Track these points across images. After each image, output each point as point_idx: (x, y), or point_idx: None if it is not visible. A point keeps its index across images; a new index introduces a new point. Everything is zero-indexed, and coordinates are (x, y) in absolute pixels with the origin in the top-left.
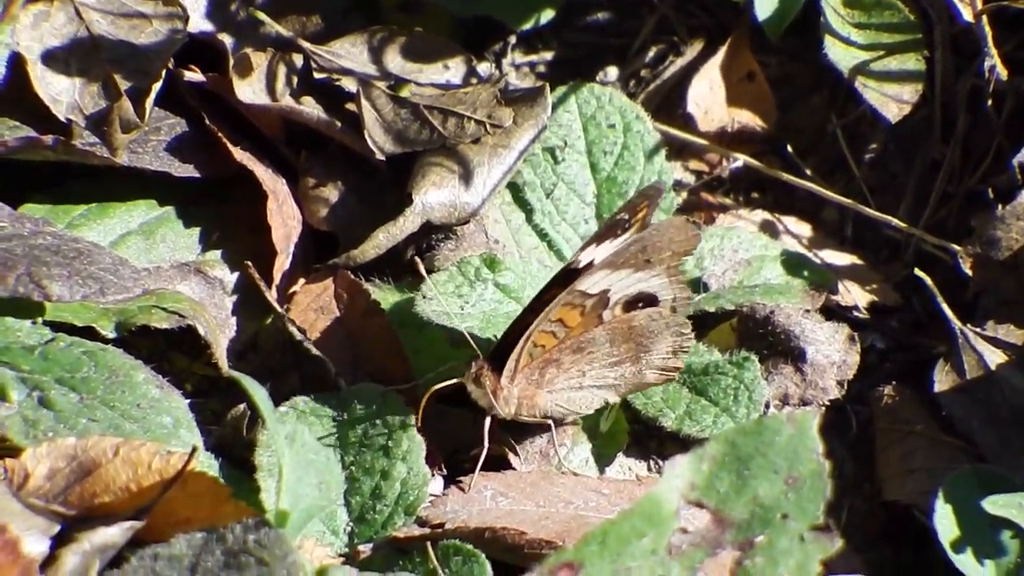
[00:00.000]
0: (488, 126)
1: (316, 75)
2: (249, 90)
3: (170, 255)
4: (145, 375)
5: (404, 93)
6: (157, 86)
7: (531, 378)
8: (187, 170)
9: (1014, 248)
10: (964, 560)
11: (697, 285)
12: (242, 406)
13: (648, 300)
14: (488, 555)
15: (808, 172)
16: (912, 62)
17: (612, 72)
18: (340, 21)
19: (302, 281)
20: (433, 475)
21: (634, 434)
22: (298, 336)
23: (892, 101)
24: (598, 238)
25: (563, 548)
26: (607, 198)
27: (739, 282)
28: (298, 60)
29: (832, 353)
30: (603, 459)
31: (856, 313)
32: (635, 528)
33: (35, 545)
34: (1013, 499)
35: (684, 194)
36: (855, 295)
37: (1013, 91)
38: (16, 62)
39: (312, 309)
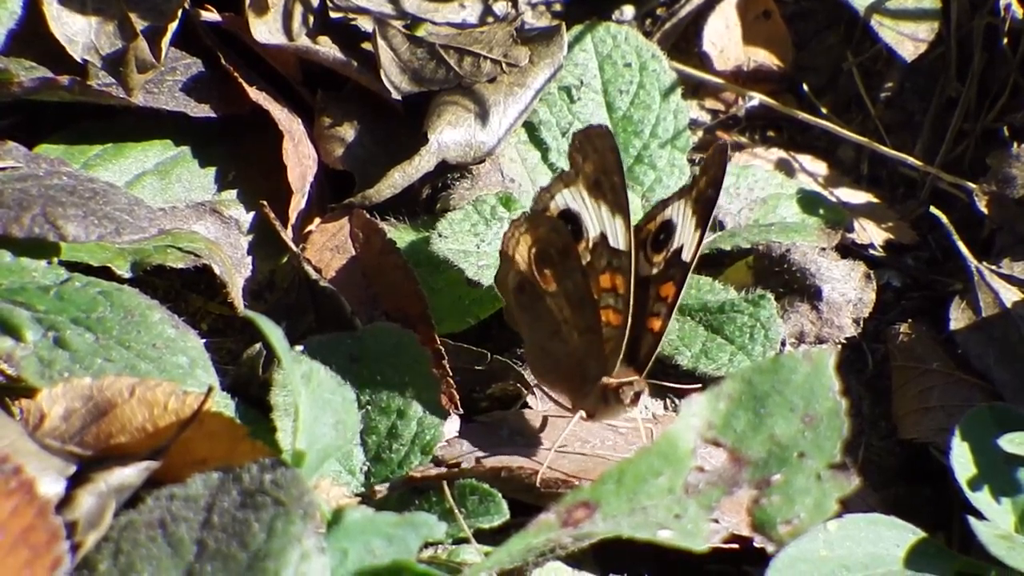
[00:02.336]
0: (504, 65)
1: (332, 14)
2: (265, 29)
3: (185, 195)
4: (161, 315)
5: (420, 32)
6: (173, 26)
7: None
8: (203, 110)
9: None
10: (980, 498)
11: (713, 223)
12: (258, 346)
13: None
14: (504, 494)
15: (824, 110)
16: (928, 0)
17: (628, 11)
18: None
19: (317, 220)
20: (449, 414)
21: (650, 372)
22: (313, 275)
23: (908, 39)
24: (664, 204)
25: (579, 487)
26: (623, 137)
27: (755, 220)
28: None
29: (848, 291)
30: None
31: (872, 251)
32: (652, 467)
33: (51, 486)
34: None
35: (700, 133)
36: (871, 233)
37: None
38: (32, 2)
39: (328, 248)
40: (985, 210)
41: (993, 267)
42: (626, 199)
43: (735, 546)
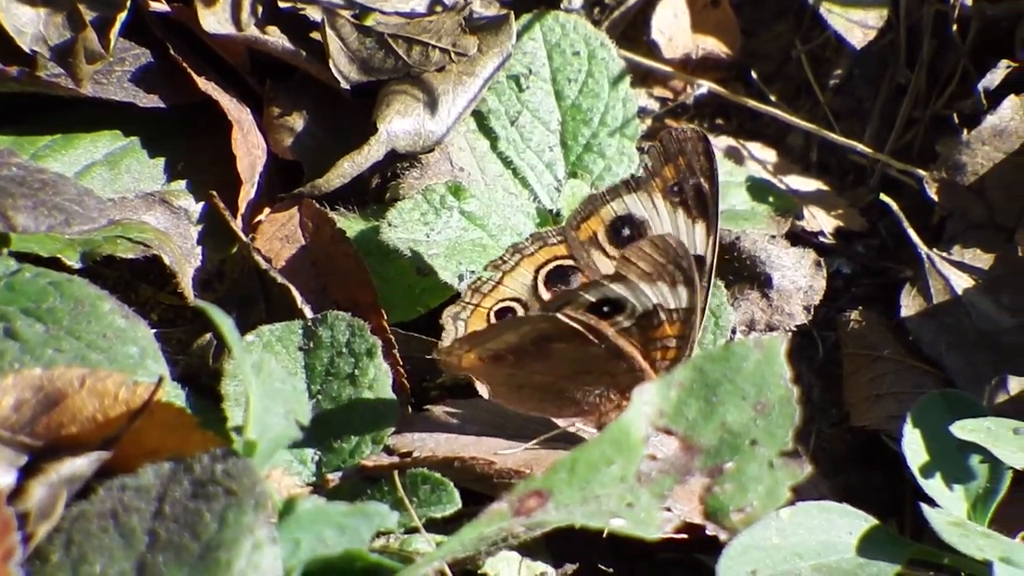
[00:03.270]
0: (453, 54)
1: (281, 4)
2: (214, 20)
3: (135, 185)
4: (111, 305)
5: (369, 22)
6: (122, 16)
7: None
8: (152, 100)
9: (980, 173)
10: (933, 485)
11: None
12: (208, 335)
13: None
14: (456, 484)
15: (773, 98)
16: None
17: (576, 0)
18: None
19: (267, 210)
20: (400, 404)
21: None
22: (264, 265)
23: (857, 26)
24: (605, 198)
25: (532, 476)
26: (571, 125)
27: None
28: None
29: (798, 278)
30: None
31: (822, 238)
32: (604, 456)
33: (2, 477)
34: (981, 423)
35: (649, 121)
36: (821, 220)
37: (977, 15)
38: None
39: (278, 238)
40: (935, 197)
41: (944, 254)
42: (716, 205)
43: (687, 535)
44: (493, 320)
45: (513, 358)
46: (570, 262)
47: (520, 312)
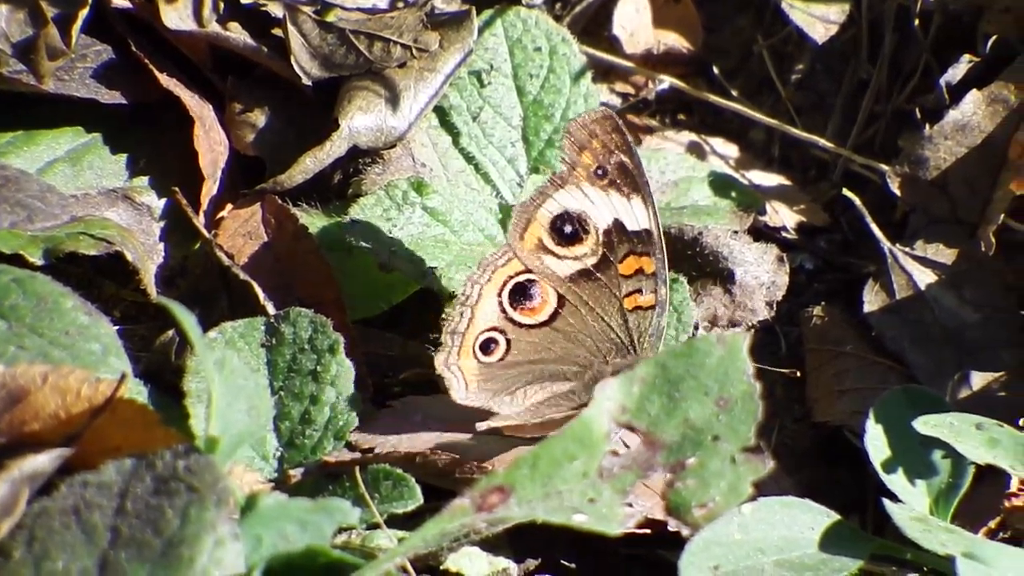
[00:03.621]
0: (414, 50)
1: (242, 0)
2: (176, 16)
3: (97, 182)
4: (74, 302)
5: (330, 18)
6: (84, 13)
7: None
8: (114, 97)
9: (942, 167)
10: (895, 480)
11: None
12: (171, 332)
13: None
14: (418, 479)
15: (735, 93)
16: None
17: None
18: None
19: (230, 206)
20: (363, 400)
21: None
22: (226, 261)
23: (819, 21)
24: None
25: (494, 472)
26: (533, 121)
27: (667, 204)
28: None
29: (761, 274)
30: None
31: (784, 234)
32: (566, 451)
33: None
34: (944, 419)
35: None
36: (783, 216)
37: (940, 9)
38: None
39: (240, 234)
40: (898, 192)
41: (906, 249)
42: (643, 175)
43: (649, 531)
44: (479, 353)
45: (503, 339)
46: (526, 276)
47: (501, 342)
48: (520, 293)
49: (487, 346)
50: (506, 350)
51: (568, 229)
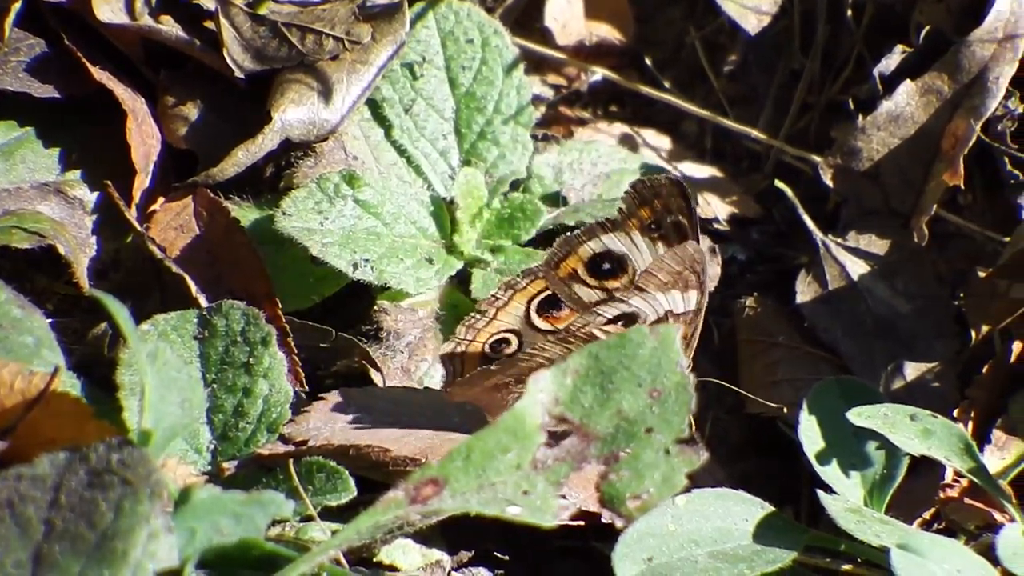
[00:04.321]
0: (347, 42)
1: None
2: (108, 9)
3: (30, 176)
4: (6, 295)
5: (263, 11)
6: (17, 6)
7: None
8: (47, 91)
9: (875, 158)
10: (829, 471)
11: (556, 199)
12: (104, 325)
13: None
14: (352, 472)
15: (667, 85)
16: None
17: None
18: None
19: (162, 200)
20: (295, 392)
21: None
22: (159, 254)
23: (751, 12)
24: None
25: (427, 464)
26: (465, 113)
27: (599, 196)
28: None
29: None
30: None
31: (717, 225)
32: (500, 443)
33: None
34: (877, 410)
35: (543, 108)
36: (715, 207)
37: (872, 0)
38: None
39: (172, 227)
40: (830, 183)
41: (839, 240)
42: (696, 235)
43: (583, 522)
44: (488, 352)
45: (517, 341)
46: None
47: (514, 342)
48: (549, 304)
49: (498, 345)
50: (516, 349)
51: (606, 266)
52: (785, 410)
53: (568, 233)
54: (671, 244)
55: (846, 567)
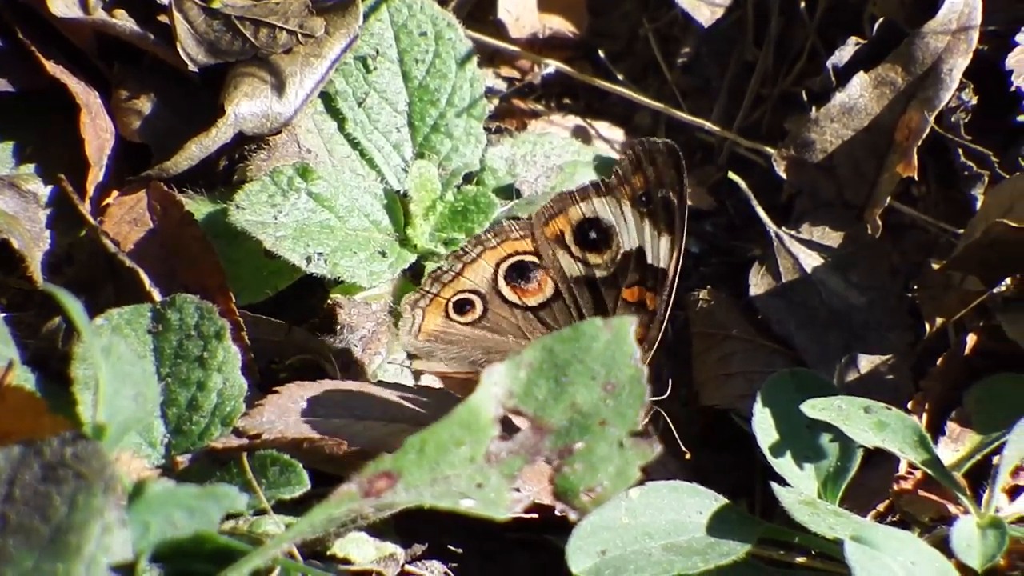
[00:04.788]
0: (300, 36)
1: None
2: (62, 3)
3: None
4: None
5: (216, 4)
6: None
7: None
8: (1, 84)
9: (828, 150)
10: (783, 464)
11: (510, 192)
12: (58, 319)
13: None
14: (306, 465)
15: (620, 77)
16: None
17: None
18: None
19: (116, 193)
20: (249, 386)
21: None
22: (112, 248)
23: (704, 4)
24: (572, 198)
25: (381, 457)
26: (419, 106)
27: (552, 188)
28: None
29: None
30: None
31: None
32: (453, 436)
33: None
34: (832, 402)
35: (496, 101)
36: None
37: None
38: None
39: (126, 221)
40: (784, 175)
41: (793, 232)
42: (683, 221)
43: (537, 515)
44: (451, 312)
45: (481, 305)
46: (531, 258)
47: (479, 305)
48: (518, 272)
49: (461, 306)
50: (480, 316)
51: (593, 235)
52: (739, 402)
53: (562, 191)
54: (658, 224)
55: (800, 559)
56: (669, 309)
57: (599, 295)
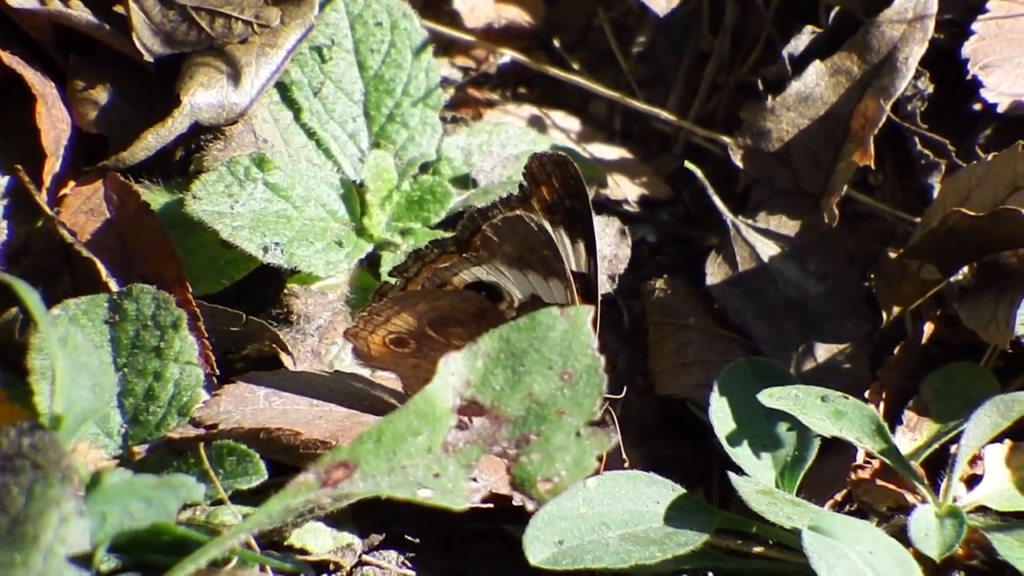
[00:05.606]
0: (255, 26)
1: None
2: None
3: None
4: None
5: None
6: None
7: None
8: None
9: (785, 139)
10: (740, 453)
11: (466, 181)
12: (15, 310)
13: None
14: (263, 455)
15: (576, 67)
16: None
17: None
18: None
19: (72, 184)
20: (206, 376)
21: None
22: (69, 239)
23: None
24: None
25: (338, 447)
26: (375, 96)
27: (508, 177)
28: None
29: (603, 247)
30: None
31: (626, 207)
32: (410, 426)
33: None
34: (789, 391)
35: (452, 90)
36: (625, 189)
37: None
38: None
39: (83, 211)
40: (740, 164)
41: (749, 221)
42: (591, 223)
43: (494, 505)
44: (390, 344)
45: (415, 344)
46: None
47: (414, 345)
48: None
49: (400, 342)
50: (415, 351)
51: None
52: (695, 392)
53: (478, 207)
54: (572, 235)
55: (758, 549)
56: (599, 310)
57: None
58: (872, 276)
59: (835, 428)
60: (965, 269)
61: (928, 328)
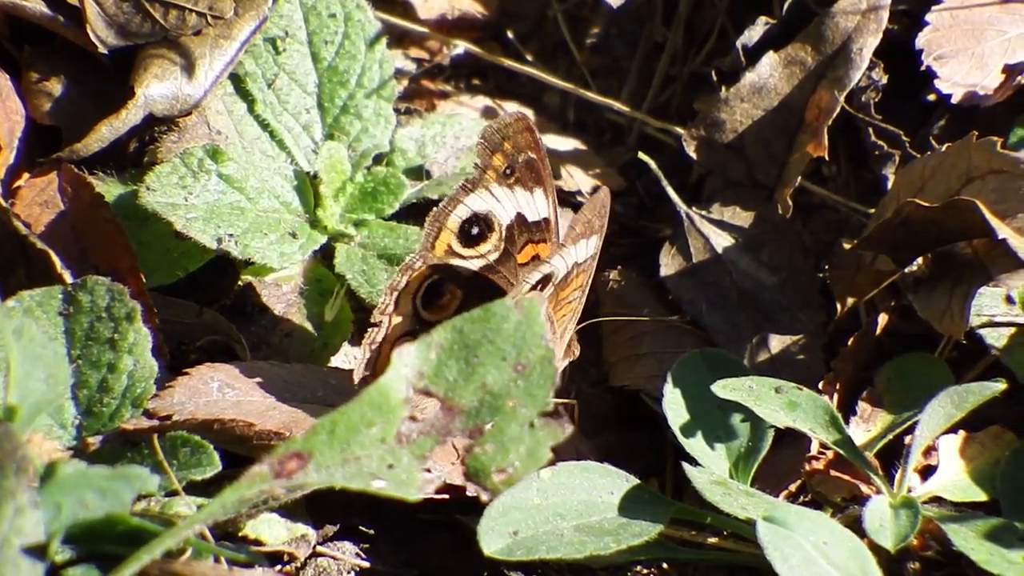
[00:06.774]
0: (209, 18)
1: None
2: None
3: None
4: None
5: None
6: None
7: None
8: None
9: (739, 130)
10: (694, 444)
11: (420, 173)
12: None
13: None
14: (217, 446)
15: (529, 58)
16: None
17: None
18: None
19: (27, 176)
20: (160, 367)
21: (359, 323)
22: (23, 230)
23: None
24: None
25: (292, 438)
26: (328, 87)
27: (462, 169)
28: None
29: None
30: (329, 348)
31: (580, 198)
32: (364, 417)
33: None
34: (743, 382)
35: (405, 82)
36: (579, 179)
37: None
38: None
39: (37, 203)
40: (694, 155)
41: (703, 212)
42: (547, 168)
43: (448, 496)
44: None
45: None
46: (436, 276)
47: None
48: (434, 294)
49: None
50: None
51: (475, 231)
52: (649, 383)
53: (434, 209)
54: (527, 185)
55: (712, 540)
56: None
57: (499, 274)
58: (826, 267)
59: (789, 419)
60: (919, 260)
61: (882, 319)
